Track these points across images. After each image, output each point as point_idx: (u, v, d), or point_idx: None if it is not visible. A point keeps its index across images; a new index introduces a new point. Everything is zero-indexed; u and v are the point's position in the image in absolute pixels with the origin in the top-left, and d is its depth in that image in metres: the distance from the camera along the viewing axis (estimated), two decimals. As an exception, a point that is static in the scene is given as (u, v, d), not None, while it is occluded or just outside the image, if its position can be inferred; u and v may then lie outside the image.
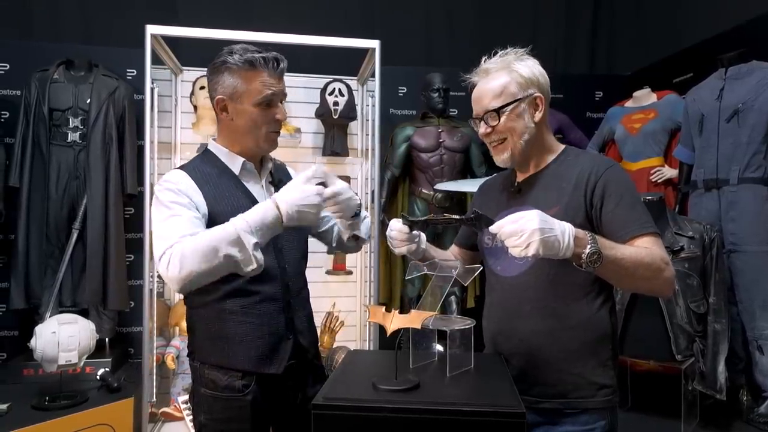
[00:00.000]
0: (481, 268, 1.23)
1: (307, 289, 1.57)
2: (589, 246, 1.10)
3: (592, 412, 1.28)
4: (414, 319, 1.08)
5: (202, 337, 1.43)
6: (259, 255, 1.24)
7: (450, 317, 1.28)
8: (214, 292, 1.36)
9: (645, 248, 1.19)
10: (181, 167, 1.43)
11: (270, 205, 1.25)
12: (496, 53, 1.36)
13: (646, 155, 3.22)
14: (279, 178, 1.54)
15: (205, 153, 1.48)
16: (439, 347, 1.24)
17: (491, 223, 1.13)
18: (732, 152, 2.55)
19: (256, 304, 1.39)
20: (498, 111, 1.30)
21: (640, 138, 3.22)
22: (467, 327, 1.18)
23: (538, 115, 1.33)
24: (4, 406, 2.37)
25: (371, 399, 1.01)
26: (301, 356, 1.47)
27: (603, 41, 4.42)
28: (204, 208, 1.34)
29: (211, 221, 1.33)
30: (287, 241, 1.47)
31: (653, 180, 3.16)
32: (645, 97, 3.29)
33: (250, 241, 1.21)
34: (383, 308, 1.13)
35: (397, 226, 1.32)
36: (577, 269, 1.13)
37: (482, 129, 1.35)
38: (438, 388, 1.08)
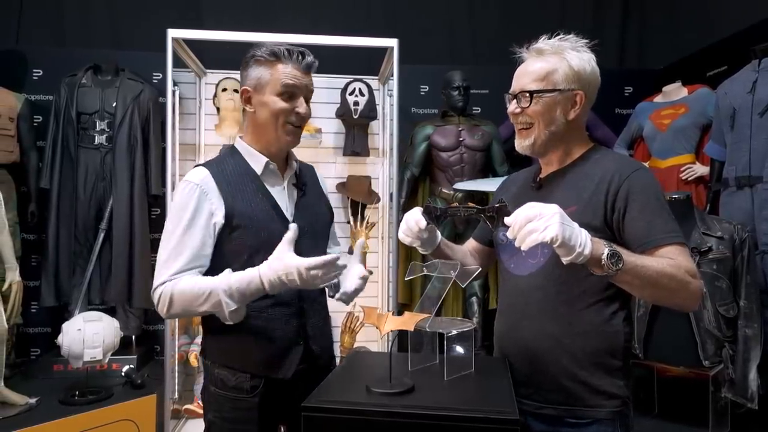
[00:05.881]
0: (480, 269, 1.19)
1: (326, 296, 1.55)
2: (607, 249, 1.05)
3: (599, 422, 1.22)
4: (408, 321, 1.06)
5: (214, 336, 1.44)
6: (236, 315, 1.30)
7: (450, 319, 1.26)
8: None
9: (669, 259, 1.12)
10: (205, 164, 1.44)
11: (255, 275, 1.28)
12: (558, 34, 1.30)
13: (675, 152, 3.10)
14: (304, 181, 1.52)
15: (231, 150, 1.48)
16: (459, 349, 1.21)
17: (510, 214, 1.07)
18: (765, 148, 2.43)
19: (267, 308, 1.38)
20: (532, 94, 1.24)
21: (670, 134, 3.10)
22: (466, 330, 1.15)
23: (573, 113, 1.26)
24: (33, 400, 2.45)
25: (362, 402, 0.99)
26: (312, 361, 1.45)
27: (633, 35, 4.28)
28: (221, 212, 1.34)
29: (228, 221, 1.35)
30: (306, 247, 1.44)
31: (683, 178, 3.04)
32: (675, 91, 3.17)
33: (227, 305, 1.27)
34: (377, 309, 1.11)
35: (415, 217, 1.28)
36: (591, 275, 1.09)
37: (512, 107, 1.29)
38: (433, 392, 1.05)
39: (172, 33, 2.66)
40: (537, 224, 1.01)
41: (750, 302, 2.21)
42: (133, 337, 3.16)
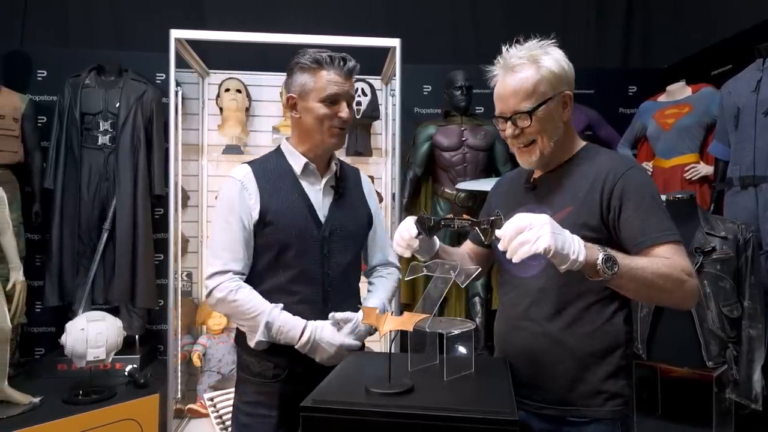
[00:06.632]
0: (480, 269, 1.19)
1: (357, 299, 1.59)
2: (601, 254, 1.04)
3: (600, 422, 1.22)
4: (407, 322, 1.05)
5: None
6: (260, 346, 1.42)
7: (450, 319, 1.25)
8: (260, 285, 1.45)
9: (664, 258, 1.12)
10: (250, 162, 1.54)
11: (300, 324, 1.40)
12: (517, 42, 1.26)
13: (679, 151, 3.08)
14: (344, 184, 1.56)
15: (276, 150, 1.56)
16: (462, 349, 1.21)
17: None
18: (770, 148, 2.41)
19: (294, 304, 1.44)
20: (531, 114, 1.20)
21: (674, 134, 3.08)
22: (466, 330, 1.15)
23: (566, 114, 1.25)
24: (36, 400, 2.46)
25: (360, 402, 0.99)
26: None
27: (637, 34, 4.25)
28: (257, 207, 1.44)
29: (262, 217, 1.43)
30: (336, 248, 1.50)
31: (687, 177, 3.02)
32: (679, 90, 3.15)
33: (260, 335, 1.40)
34: (376, 309, 1.11)
35: (407, 226, 1.26)
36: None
37: (509, 131, 1.24)
38: (432, 393, 1.05)
39: (175, 33, 2.66)
40: (528, 235, 0.99)
41: (754, 303, 2.20)
42: (137, 336, 3.16)
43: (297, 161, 1.49)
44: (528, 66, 1.21)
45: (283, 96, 3.14)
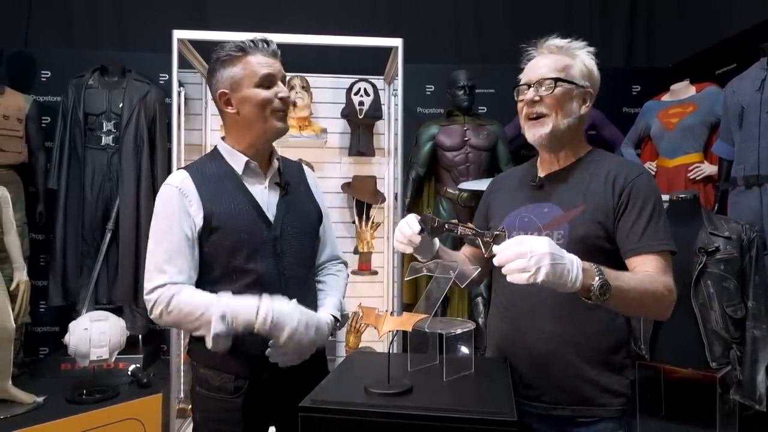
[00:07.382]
0: (479, 269, 1.19)
1: (314, 297, 1.51)
2: (597, 278, 1.03)
3: (608, 420, 1.23)
4: (406, 322, 1.05)
5: (199, 336, 1.40)
6: (220, 343, 1.29)
7: (449, 319, 1.25)
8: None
9: (647, 274, 1.15)
10: (186, 167, 1.43)
11: (254, 303, 1.28)
12: (566, 37, 1.32)
13: (683, 151, 3.07)
14: (287, 180, 1.48)
15: (212, 152, 1.45)
16: (464, 349, 1.20)
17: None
18: (774, 147, 2.40)
19: None
20: (555, 81, 1.24)
21: (678, 133, 3.07)
22: (466, 330, 1.14)
23: (584, 109, 1.29)
24: (40, 399, 2.47)
25: (359, 402, 0.99)
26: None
27: (641, 33, 4.24)
28: (200, 214, 1.33)
29: (207, 223, 1.33)
30: (289, 247, 1.42)
31: (691, 177, 3.01)
32: (683, 90, 3.14)
33: (215, 327, 1.26)
34: (376, 309, 1.11)
35: (409, 221, 1.25)
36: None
37: (530, 95, 1.27)
38: (431, 393, 1.04)
39: (178, 34, 2.67)
40: (528, 264, 0.97)
41: (758, 303, 2.18)
42: (140, 336, 3.18)
43: (237, 161, 1.39)
44: (565, 52, 1.29)
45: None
